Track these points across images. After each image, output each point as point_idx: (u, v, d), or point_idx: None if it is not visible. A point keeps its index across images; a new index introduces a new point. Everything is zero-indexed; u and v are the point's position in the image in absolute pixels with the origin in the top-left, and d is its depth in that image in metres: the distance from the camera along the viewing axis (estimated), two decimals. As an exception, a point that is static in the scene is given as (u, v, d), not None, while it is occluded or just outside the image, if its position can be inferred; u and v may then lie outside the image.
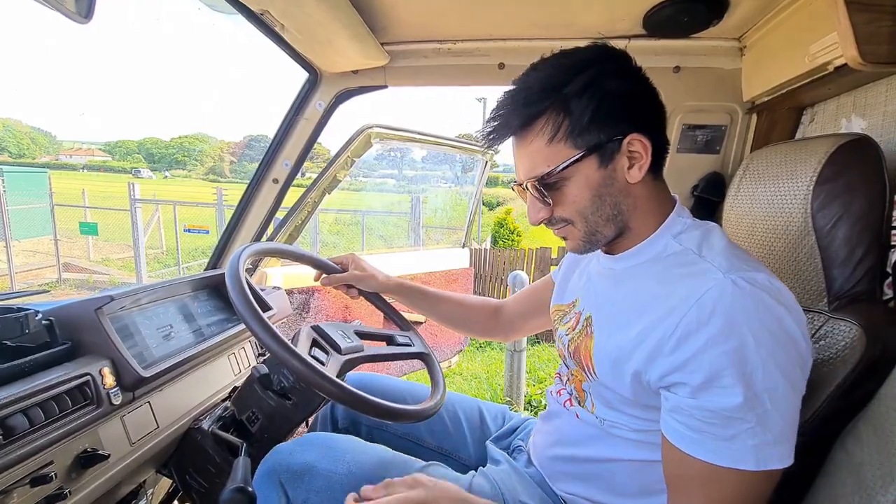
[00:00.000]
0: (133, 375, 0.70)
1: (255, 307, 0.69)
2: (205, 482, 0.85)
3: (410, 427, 1.07)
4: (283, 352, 0.66)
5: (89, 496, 0.65)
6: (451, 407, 1.09)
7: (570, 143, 0.60)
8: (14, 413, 0.55)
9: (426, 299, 1.09)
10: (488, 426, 1.06)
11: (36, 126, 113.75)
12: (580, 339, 0.71)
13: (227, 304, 1.13)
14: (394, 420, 0.74)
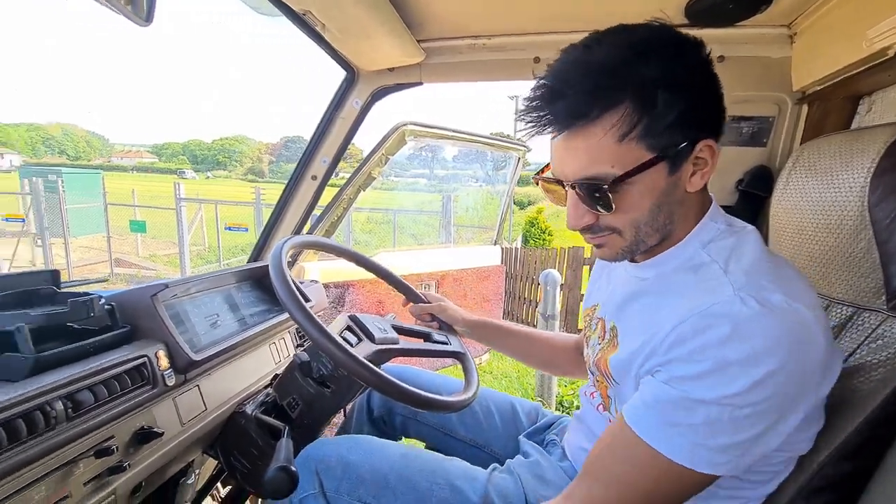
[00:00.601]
0: (185, 359, 0.75)
1: (298, 296, 0.72)
2: (248, 463, 0.89)
3: (443, 419, 1.08)
4: (323, 338, 0.69)
5: (145, 470, 0.70)
6: (484, 401, 1.10)
7: (644, 144, 0.51)
8: (81, 389, 0.59)
9: (509, 337, 1.07)
10: (521, 421, 1.06)
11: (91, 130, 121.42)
12: (605, 349, 0.69)
13: (269, 295, 1.18)
14: (426, 409, 0.76)
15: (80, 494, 0.60)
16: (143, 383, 0.68)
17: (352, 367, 0.69)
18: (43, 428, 0.53)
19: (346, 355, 0.69)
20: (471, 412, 1.08)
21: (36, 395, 0.53)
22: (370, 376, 0.69)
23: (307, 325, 0.69)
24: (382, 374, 0.70)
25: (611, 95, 0.50)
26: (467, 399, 0.84)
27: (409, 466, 0.79)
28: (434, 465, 0.81)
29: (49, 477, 0.57)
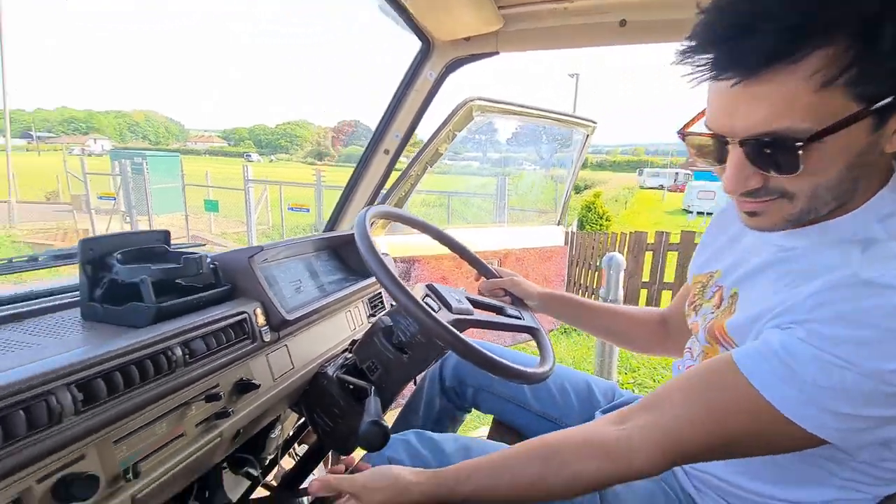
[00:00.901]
0: (279, 317, 0.79)
1: (384, 262, 0.74)
2: (329, 421, 0.93)
3: (517, 392, 1.08)
4: (411, 303, 0.70)
5: (245, 418, 0.75)
6: (558, 378, 1.09)
7: (851, 93, 0.42)
8: (195, 338, 0.64)
9: (582, 310, 1.05)
10: (597, 398, 1.04)
11: (169, 116, 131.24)
12: (723, 316, 0.65)
13: (344, 265, 1.22)
14: (507, 377, 0.75)
15: (192, 433, 0.65)
16: (244, 337, 0.73)
17: (437, 332, 0.69)
18: (166, 370, 0.58)
19: (432, 320, 0.69)
20: (545, 387, 1.07)
21: (160, 340, 0.58)
22: (455, 341, 0.69)
23: (395, 290, 0.71)
24: (466, 339, 0.71)
25: (822, 30, 0.41)
26: (547, 371, 0.83)
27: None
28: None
29: (169, 416, 0.62)
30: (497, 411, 1.13)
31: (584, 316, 1.04)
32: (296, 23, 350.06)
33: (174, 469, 0.61)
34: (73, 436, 0.47)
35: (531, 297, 1.07)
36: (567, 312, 1.05)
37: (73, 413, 0.47)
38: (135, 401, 0.54)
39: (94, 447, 0.53)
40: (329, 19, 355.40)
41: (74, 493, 0.47)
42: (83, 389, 0.49)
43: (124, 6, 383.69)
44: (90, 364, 0.49)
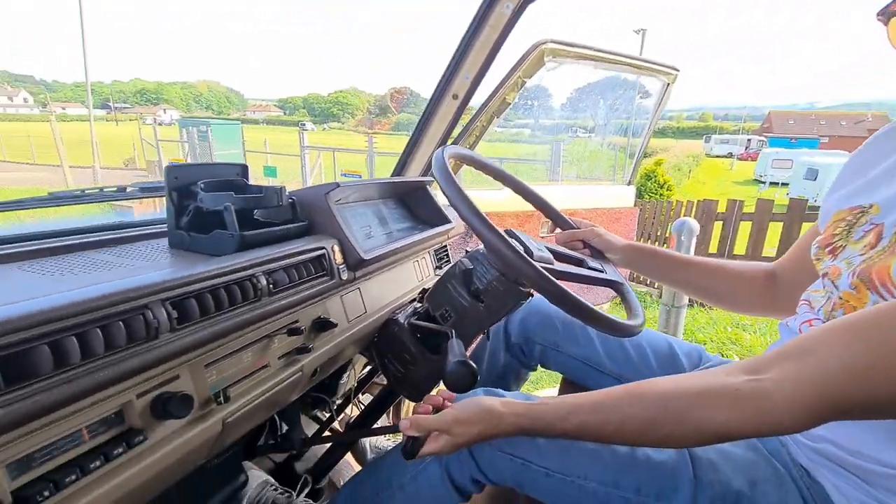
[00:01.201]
0: (356, 256, 0.76)
1: (469, 198, 0.68)
2: (401, 367, 0.92)
3: (589, 351, 1.01)
4: (496, 238, 0.64)
5: (323, 356, 0.74)
6: (636, 338, 1.01)
7: None
8: (278, 269, 0.62)
9: (672, 265, 0.95)
10: (681, 362, 0.95)
11: (229, 86, 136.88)
12: (881, 257, 0.54)
13: (411, 213, 1.18)
14: (599, 326, 0.68)
15: (276, 366, 0.65)
16: (323, 273, 0.71)
17: (526, 272, 0.64)
18: (252, 297, 0.57)
19: (522, 260, 0.64)
20: (621, 348, 0.99)
21: (247, 267, 0.57)
22: (546, 282, 0.64)
23: (480, 225, 0.65)
24: (554, 280, 0.65)
25: None
26: (639, 325, 0.75)
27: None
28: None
29: (254, 346, 0.62)
30: (566, 371, 1.07)
31: (674, 271, 0.95)
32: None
33: (259, 398, 0.61)
34: (169, 353, 0.46)
35: (614, 249, 0.98)
36: (654, 266, 0.96)
37: (169, 330, 0.46)
38: (224, 324, 0.52)
39: (187, 369, 0.52)
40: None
41: (171, 411, 0.47)
42: (177, 307, 0.48)
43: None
44: (184, 283, 0.48)
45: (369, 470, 0.90)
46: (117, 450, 0.44)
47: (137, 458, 0.46)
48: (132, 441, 0.45)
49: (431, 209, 1.19)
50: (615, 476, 0.68)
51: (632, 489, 0.67)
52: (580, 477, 0.69)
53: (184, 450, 0.51)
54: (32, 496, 0.37)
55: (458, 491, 0.79)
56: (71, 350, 0.38)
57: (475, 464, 0.75)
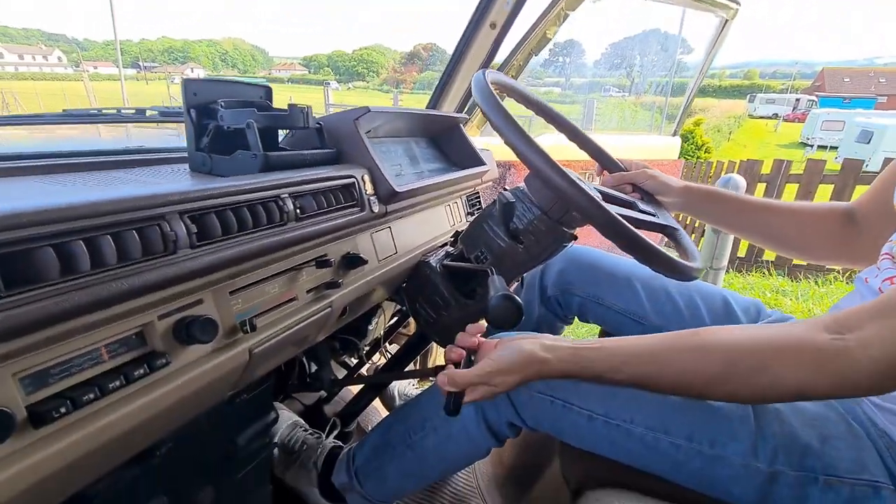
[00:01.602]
0: (387, 188, 0.70)
1: (513, 117, 0.61)
2: (433, 312, 0.88)
3: (633, 304, 0.94)
4: (546, 163, 0.57)
5: (352, 293, 0.70)
6: (686, 291, 0.93)
7: None
8: (305, 194, 0.57)
9: (735, 207, 0.85)
10: (737, 316, 0.87)
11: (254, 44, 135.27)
12: None
13: (443, 154, 1.11)
14: (658, 265, 0.61)
15: (303, 300, 0.61)
16: (353, 204, 0.66)
17: (579, 199, 0.57)
18: (278, 220, 0.52)
19: (576, 187, 0.57)
20: (669, 300, 0.92)
21: (272, 187, 0.52)
22: (602, 213, 0.57)
23: (527, 148, 0.58)
24: (611, 211, 0.58)
25: None
26: (698, 268, 0.68)
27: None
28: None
29: (281, 277, 0.58)
30: (607, 325, 1.01)
31: (738, 215, 0.85)
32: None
33: (287, 331, 0.57)
34: (189, 271, 0.42)
35: (670, 191, 0.89)
36: (716, 210, 0.86)
37: (188, 246, 0.42)
38: (248, 246, 0.48)
39: (210, 294, 0.49)
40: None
41: (195, 334, 0.44)
42: (197, 223, 0.43)
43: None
44: (204, 196, 0.44)
45: (400, 412, 0.87)
46: (138, 371, 0.41)
47: (160, 382, 0.43)
48: (154, 364, 0.42)
49: (465, 150, 1.11)
50: (665, 421, 0.62)
51: (683, 435, 0.62)
52: (626, 421, 0.65)
53: (210, 377, 0.48)
54: (48, 412, 0.35)
55: (494, 435, 0.76)
56: (79, 255, 0.34)
57: (513, 407, 0.71)
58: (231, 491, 0.76)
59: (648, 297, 0.92)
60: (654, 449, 0.63)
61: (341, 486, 0.89)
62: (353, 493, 0.87)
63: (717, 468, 0.60)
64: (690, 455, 0.61)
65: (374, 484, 0.84)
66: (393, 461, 0.82)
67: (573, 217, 0.76)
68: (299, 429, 1.05)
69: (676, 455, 0.62)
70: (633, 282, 0.94)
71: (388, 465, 0.83)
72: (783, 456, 0.57)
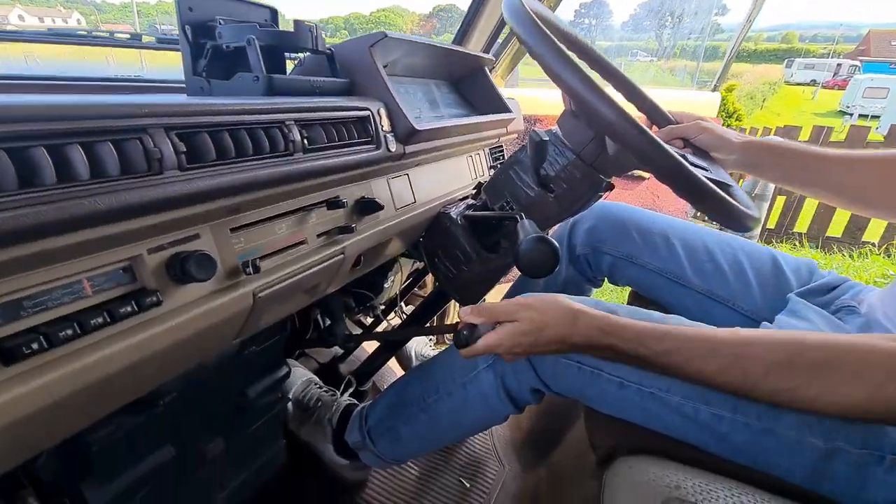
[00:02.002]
0: (405, 125, 0.63)
1: (554, 39, 0.52)
2: (452, 268, 0.82)
3: (671, 263, 0.87)
4: (590, 88, 0.49)
5: (367, 240, 0.64)
6: (730, 248, 0.85)
7: None
8: (313, 123, 0.51)
9: (807, 161, 0.74)
10: (787, 278, 0.79)
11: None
12: None
13: (465, 101, 1.03)
14: (713, 205, 0.54)
15: (314, 244, 0.56)
16: (367, 140, 0.59)
17: (627, 131, 0.49)
18: (282, 150, 0.46)
19: (628, 121, 0.49)
20: (711, 259, 0.84)
21: (275, 110, 0.45)
22: (651, 146, 0.49)
23: (567, 72, 0.50)
24: (668, 147, 0.50)
25: None
26: (756, 216, 0.60)
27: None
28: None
29: (289, 217, 0.52)
30: (640, 285, 0.94)
31: (805, 169, 0.74)
32: None
33: (295, 276, 0.52)
34: (178, 196, 0.36)
35: (727, 147, 0.78)
36: (782, 165, 0.76)
37: (177, 167, 0.36)
38: (248, 175, 0.42)
39: (208, 229, 0.44)
40: None
41: (190, 271, 0.39)
42: (186, 142, 0.37)
43: None
44: (193, 111, 0.38)
45: (416, 373, 0.84)
46: (125, 308, 0.36)
47: (151, 323, 0.38)
48: (143, 302, 0.37)
49: (490, 97, 1.03)
50: (705, 391, 0.57)
51: (727, 407, 0.56)
52: (661, 389, 0.59)
53: (209, 320, 0.43)
54: (18, 347, 0.30)
55: (513, 402, 0.72)
56: (39, 163, 0.28)
57: (534, 372, 0.66)
58: (242, 444, 0.74)
59: (688, 255, 0.85)
60: (693, 420, 0.58)
61: (354, 444, 0.86)
62: (366, 451, 0.84)
63: (764, 441, 0.55)
64: (735, 427, 0.56)
65: (387, 444, 0.81)
66: (406, 423, 0.79)
67: (610, 161, 0.68)
68: (314, 385, 1.03)
69: (718, 426, 0.56)
70: (670, 239, 0.86)
71: (401, 427, 0.80)
72: (844, 432, 0.51)
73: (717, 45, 39.99)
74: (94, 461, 0.51)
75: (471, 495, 1.06)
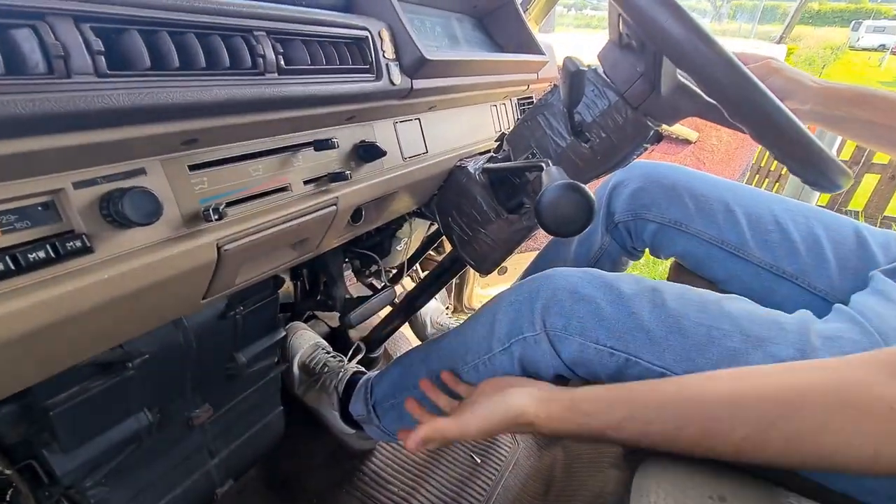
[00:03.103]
0: (413, 52, 0.53)
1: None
2: (468, 229, 0.73)
3: (728, 230, 0.74)
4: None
5: (365, 192, 0.56)
6: (803, 219, 0.72)
7: None
8: (293, 39, 0.41)
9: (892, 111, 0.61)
10: (872, 253, 0.67)
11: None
12: None
13: (491, 40, 0.90)
14: (805, 158, 0.42)
15: (299, 191, 0.47)
16: (364, 69, 0.49)
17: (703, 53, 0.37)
18: (248, 66, 0.37)
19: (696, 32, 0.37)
20: (779, 229, 0.72)
21: (237, 14, 0.36)
22: (742, 79, 0.37)
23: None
24: (757, 82, 0.38)
25: None
26: (848, 175, 0.48)
27: (671, 304, 0.52)
28: (710, 304, 0.52)
29: (266, 158, 0.44)
30: (688, 259, 0.81)
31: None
32: None
33: (273, 227, 0.44)
34: (100, 109, 0.28)
35: (802, 93, 0.64)
36: (867, 119, 0.62)
37: (93, 72, 0.28)
38: (200, 94, 0.33)
39: (158, 164, 0.35)
40: None
41: (122, 211, 0.31)
42: (107, 38, 0.29)
43: None
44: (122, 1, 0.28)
45: (424, 349, 0.76)
46: (36, 254, 0.28)
47: (79, 274, 0.31)
48: (64, 247, 0.30)
49: (521, 36, 0.89)
50: None
51: None
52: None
53: (160, 274, 0.36)
54: None
55: None
56: None
57: (560, 360, 0.57)
58: (234, 411, 0.69)
59: (751, 224, 0.72)
60: None
61: (359, 417, 0.81)
62: (371, 425, 0.78)
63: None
64: None
65: (392, 420, 0.75)
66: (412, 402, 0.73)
67: (662, 104, 0.56)
68: (321, 350, 0.97)
69: None
70: (730, 206, 0.74)
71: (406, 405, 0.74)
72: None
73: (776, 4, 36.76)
74: (56, 425, 0.46)
75: (481, 471, 1.00)
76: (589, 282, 0.56)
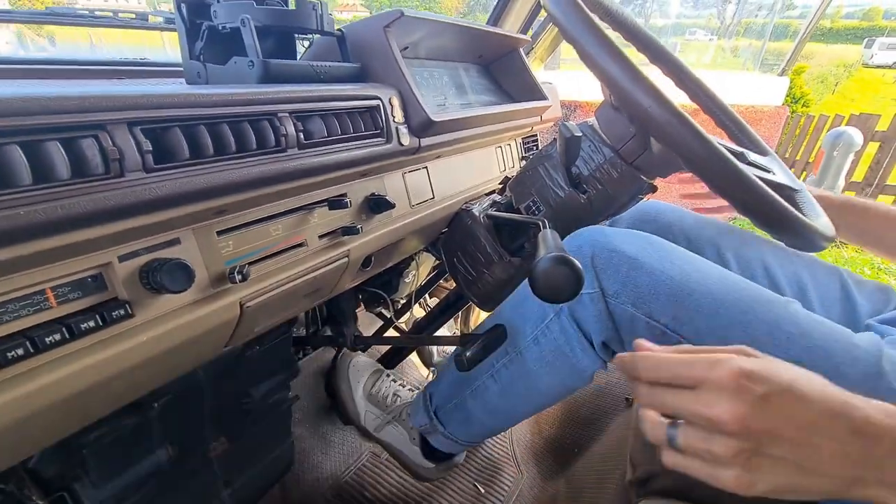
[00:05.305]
0: (421, 115, 0.57)
1: (594, 20, 0.44)
2: (472, 269, 0.76)
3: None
4: (630, 76, 0.41)
5: (376, 241, 0.59)
6: (790, 265, 0.74)
7: None
8: (312, 115, 0.46)
9: (889, 223, 0.66)
10: (857, 304, 0.68)
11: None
12: None
13: (497, 86, 0.95)
14: (779, 228, 0.45)
15: (315, 246, 0.51)
16: (376, 133, 0.53)
17: (673, 127, 0.41)
18: (272, 145, 0.41)
19: (673, 112, 0.41)
20: (767, 275, 0.74)
21: (263, 101, 0.40)
22: (697, 141, 0.40)
23: (605, 54, 0.42)
24: (726, 153, 0.41)
25: None
26: (830, 235, 0.51)
27: (724, 284, 0.53)
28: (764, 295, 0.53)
29: (285, 218, 0.48)
30: None
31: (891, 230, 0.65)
32: None
33: (291, 282, 0.48)
34: (142, 200, 0.32)
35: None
36: (858, 226, 0.66)
37: (142, 168, 0.32)
38: (228, 175, 0.38)
39: (190, 233, 0.40)
40: None
41: (163, 282, 0.35)
42: (152, 138, 0.33)
43: None
44: (160, 104, 0.33)
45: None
46: (87, 324, 0.33)
47: (121, 337, 0.35)
48: (111, 315, 0.34)
49: (524, 83, 0.94)
50: None
51: None
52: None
53: (189, 333, 0.40)
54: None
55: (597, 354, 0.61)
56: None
57: (612, 322, 0.55)
58: (249, 443, 0.72)
59: (742, 269, 0.75)
60: None
61: (422, 428, 0.79)
62: (436, 434, 0.77)
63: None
64: None
65: (458, 424, 0.74)
66: (475, 396, 0.71)
67: (654, 161, 0.60)
68: (385, 377, 0.94)
69: None
70: (722, 251, 0.76)
71: (469, 402, 0.72)
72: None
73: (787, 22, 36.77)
74: (88, 462, 0.49)
75: (485, 501, 1.02)
76: (645, 248, 0.55)
